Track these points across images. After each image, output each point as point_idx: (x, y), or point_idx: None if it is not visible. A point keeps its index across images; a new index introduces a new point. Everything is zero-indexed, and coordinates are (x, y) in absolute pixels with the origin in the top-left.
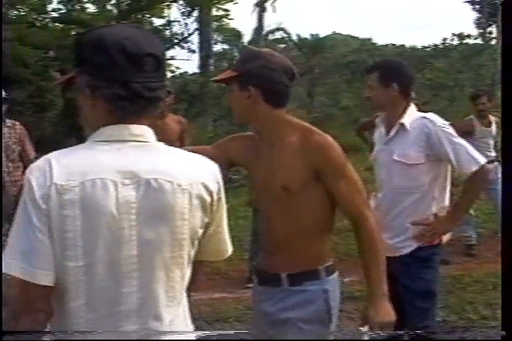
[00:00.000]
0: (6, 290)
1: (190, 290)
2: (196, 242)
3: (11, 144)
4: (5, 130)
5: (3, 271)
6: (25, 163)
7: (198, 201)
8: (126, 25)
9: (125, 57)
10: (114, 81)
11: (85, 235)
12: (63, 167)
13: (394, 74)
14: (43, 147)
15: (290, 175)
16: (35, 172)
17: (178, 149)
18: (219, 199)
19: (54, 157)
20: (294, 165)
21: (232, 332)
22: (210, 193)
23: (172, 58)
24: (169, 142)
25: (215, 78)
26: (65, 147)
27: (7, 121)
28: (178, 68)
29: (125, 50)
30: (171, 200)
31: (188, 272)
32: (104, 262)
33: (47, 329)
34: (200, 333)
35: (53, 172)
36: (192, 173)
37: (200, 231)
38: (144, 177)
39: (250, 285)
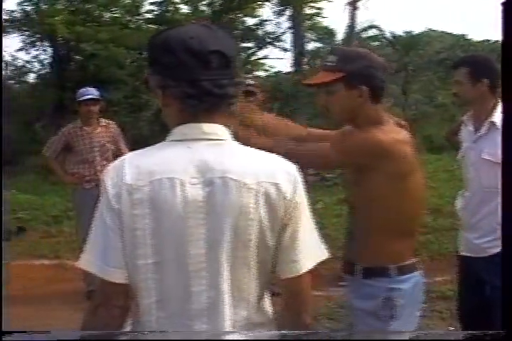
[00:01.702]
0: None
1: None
2: (269, 245)
3: (105, 143)
4: (99, 129)
5: (82, 268)
6: None
7: (267, 201)
8: (194, 25)
9: (190, 55)
10: (182, 80)
11: (154, 234)
12: (134, 167)
13: (483, 69)
14: (139, 146)
15: (359, 171)
16: (110, 173)
17: (251, 148)
18: (295, 201)
19: (128, 157)
20: (360, 161)
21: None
22: (282, 194)
23: (265, 57)
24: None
25: (315, 82)
26: None
27: (102, 120)
28: (271, 67)
29: (190, 48)
30: (236, 199)
31: (261, 276)
32: (173, 260)
33: (124, 326)
34: (279, 332)
35: (125, 172)
36: (262, 173)
37: (271, 234)
38: (211, 176)
39: (342, 283)
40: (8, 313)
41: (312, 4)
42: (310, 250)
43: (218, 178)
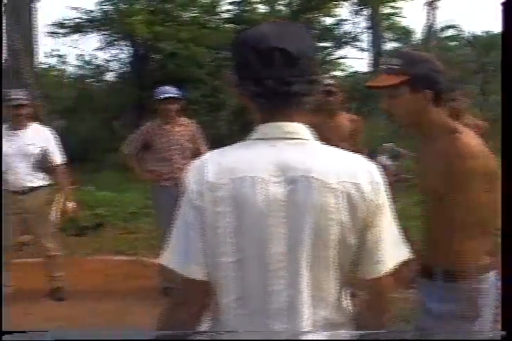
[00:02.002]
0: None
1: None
2: (349, 246)
3: (184, 141)
4: (179, 128)
5: (163, 264)
6: None
7: (348, 201)
8: (267, 23)
9: (253, 53)
10: (248, 78)
11: (236, 232)
12: (216, 165)
13: None
14: (218, 145)
15: (437, 176)
16: (192, 171)
17: (334, 148)
18: (376, 201)
19: (210, 155)
20: (439, 167)
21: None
22: (363, 194)
23: (343, 57)
24: (341, 140)
25: (378, 84)
26: None
27: (181, 119)
28: (349, 67)
29: (253, 46)
30: (318, 199)
31: (341, 276)
32: (254, 259)
33: (201, 323)
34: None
35: (207, 170)
36: (344, 172)
37: (352, 235)
38: (292, 175)
39: (413, 285)
40: (89, 307)
41: (390, 4)
42: (392, 250)
43: (300, 177)
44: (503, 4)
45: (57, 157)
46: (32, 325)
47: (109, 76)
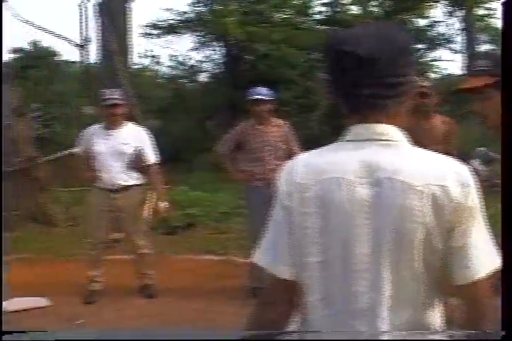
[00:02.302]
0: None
1: None
2: (436, 249)
3: (277, 142)
4: (272, 128)
5: (255, 262)
6: None
7: (433, 204)
8: (359, 25)
9: (345, 56)
10: (340, 80)
11: (322, 232)
12: (306, 166)
13: None
14: (309, 147)
15: None
16: (283, 171)
17: (425, 150)
18: (465, 204)
19: (302, 156)
20: None
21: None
22: (451, 197)
23: (436, 59)
24: (434, 143)
25: (467, 87)
26: None
27: (274, 119)
28: (443, 69)
29: (345, 49)
30: (403, 201)
31: (428, 280)
32: (339, 259)
33: (290, 323)
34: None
35: (297, 171)
36: (431, 174)
37: (438, 238)
38: (379, 177)
39: None
40: (178, 306)
41: (484, 5)
42: (484, 257)
43: (386, 179)
44: (503, 4)
45: (151, 156)
46: (122, 321)
47: (202, 76)
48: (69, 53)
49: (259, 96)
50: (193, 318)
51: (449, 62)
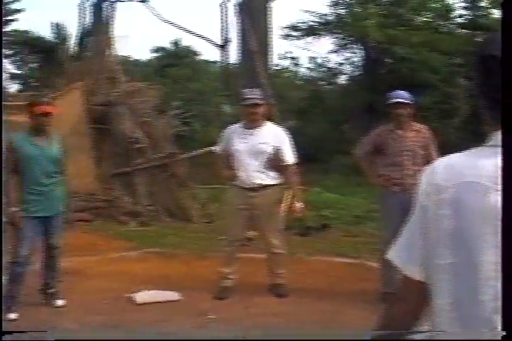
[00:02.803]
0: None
1: None
2: None
3: (416, 147)
4: (411, 133)
5: (389, 259)
6: None
7: None
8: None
9: (493, 62)
10: (487, 86)
11: (454, 235)
12: (446, 168)
13: None
14: (446, 153)
15: None
16: (425, 172)
17: None
18: None
19: (443, 158)
20: None
21: None
22: None
23: None
24: None
25: None
26: None
27: (414, 124)
28: None
29: (493, 55)
30: None
31: None
32: (466, 264)
33: (418, 324)
34: None
35: (437, 172)
36: None
37: None
38: None
39: None
40: (308, 306)
41: None
42: None
43: None
44: (503, 4)
45: (290, 157)
46: (250, 319)
47: (341, 79)
48: (209, 53)
49: (400, 99)
50: (322, 319)
51: None
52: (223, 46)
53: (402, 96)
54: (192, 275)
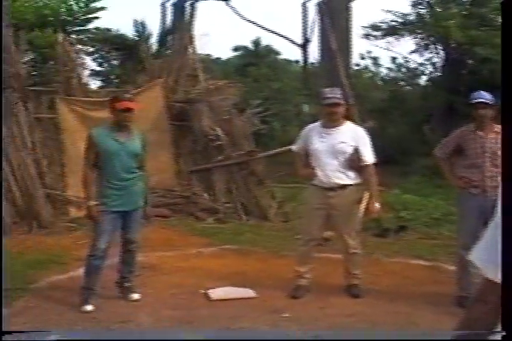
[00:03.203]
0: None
1: None
2: None
3: (497, 150)
4: (493, 135)
5: (471, 260)
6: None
7: None
8: None
9: None
10: None
11: None
12: None
13: None
14: None
15: None
16: None
17: None
18: None
19: None
20: None
21: None
22: None
23: None
24: None
25: None
26: None
27: (496, 126)
28: None
29: None
30: None
31: None
32: None
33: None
34: None
35: None
36: None
37: None
38: None
39: None
40: (382, 307)
41: None
42: None
43: None
44: (503, 4)
45: (369, 157)
46: (324, 319)
47: (421, 79)
48: (289, 52)
49: (483, 100)
50: (396, 321)
51: None
52: (304, 45)
53: (484, 96)
54: (267, 273)
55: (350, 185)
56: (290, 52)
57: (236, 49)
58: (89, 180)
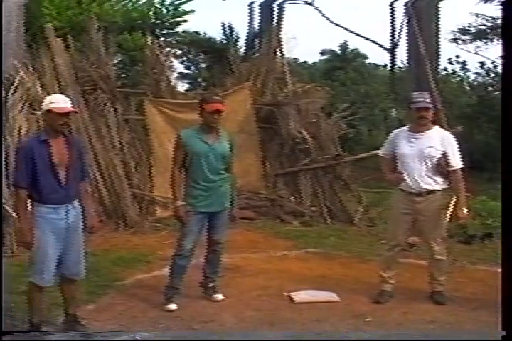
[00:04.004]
0: None
1: None
2: None
3: None
4: None
5: None
6: None
7: None
8: None
9: None
10: None
11: None
12: None
13: None
14: None
15: None
16: None
17: None
18: None
19: None
20: None
21: None
22: None
23: None
24: None
25: None
26: None
27: None
28: None
29: None
30: None
31: None
32: None
33: None
34: None
35: None
36: None
37: None
38: None
39: None
40: (465, 315)
41: None
42: None
43: None
44: (503, 4)
45: (456, 162)
46: (406, 324)
47: None
48: (376, 56)
49: None
50: (478, 329)
51: None
52: (391, 49)
53: None
54: (351, 277)
55: (438, 190)
56: (377, 56)
57: (323, 53)
58: (177, 180)
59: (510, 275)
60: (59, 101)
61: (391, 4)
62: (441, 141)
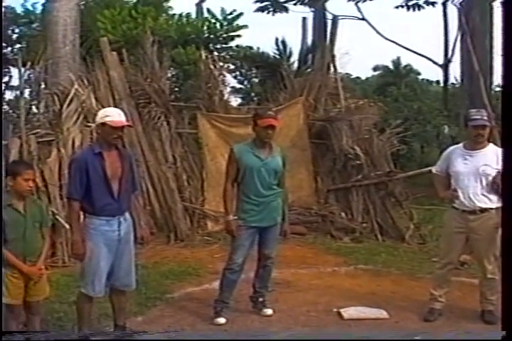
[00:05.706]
0: None
1: None
2: None
3: None
4: None
5: None
6: None
7: None
8: None
9: None
10: None
11: None
12: None
13: None
14: None
15: None
16: None
17: None
18: None
19: None
20: None
21: None
22: None
23: None
24: None
25: None
26: None
27: None
28: None
29: None
30: None
31: None
32: None
33: None
34: None
35: None
36: None
37: None
38: None
39: None
40: None
41: None
42: None
43: None
44: (503, 4)
45: None
46: None
47: None
48: (429, 72)
49: None
50: None
51: None
52: (445, 65)
53: None
54: (401, 295)
55: (492, 208)
56: (430, 72)
57: (376, 68)
58: (229, 195)
59: (511, 276)
60: (114, 115)
61: (445, 20)
62: (496, 159)
